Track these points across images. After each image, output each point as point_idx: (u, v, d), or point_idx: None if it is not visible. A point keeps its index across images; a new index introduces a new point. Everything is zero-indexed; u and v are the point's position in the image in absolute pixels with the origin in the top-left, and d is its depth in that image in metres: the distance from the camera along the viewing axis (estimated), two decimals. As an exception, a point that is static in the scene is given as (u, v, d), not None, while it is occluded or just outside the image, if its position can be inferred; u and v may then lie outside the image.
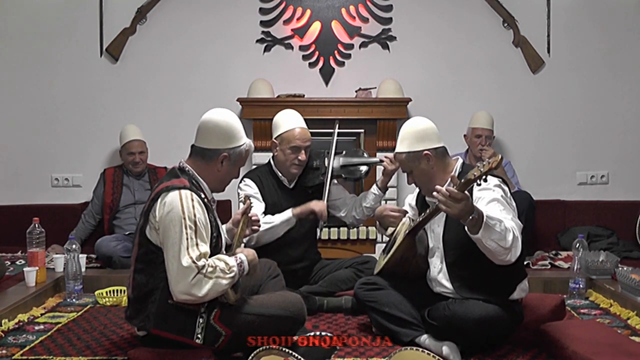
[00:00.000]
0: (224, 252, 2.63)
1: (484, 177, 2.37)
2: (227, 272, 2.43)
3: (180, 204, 2.41)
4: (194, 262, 2.36)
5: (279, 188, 3.46)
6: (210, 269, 2.39)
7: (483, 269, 2.61)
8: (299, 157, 3.37)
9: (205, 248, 2.43)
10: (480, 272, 2.64)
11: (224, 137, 2.59)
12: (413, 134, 2.78)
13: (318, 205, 3.31)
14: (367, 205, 3.51)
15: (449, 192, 2.39)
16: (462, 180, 2.42)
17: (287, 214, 3.33)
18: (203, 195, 2.54)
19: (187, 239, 2.38)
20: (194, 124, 2.72)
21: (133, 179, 4.52)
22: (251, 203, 2.89)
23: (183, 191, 2.45)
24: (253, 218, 2.86)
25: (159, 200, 2.45)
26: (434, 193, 2.46)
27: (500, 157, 2.35)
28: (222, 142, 2.59)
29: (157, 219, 2.44)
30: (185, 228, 2.39)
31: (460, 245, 2.66)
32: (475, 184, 2.40)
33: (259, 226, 2.94)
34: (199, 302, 2.44)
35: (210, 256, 2.45)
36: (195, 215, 2.42)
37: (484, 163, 2.38)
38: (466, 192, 2.42)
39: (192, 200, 2.44)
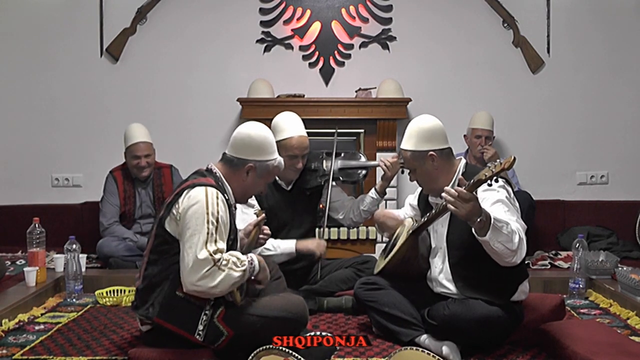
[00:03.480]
0: None
1: (495, 177, 2.36)
2: (239, 265, 2.45)
3: (206, 199, 2.45)
4: (211, 255, 2.39)
5: (277, 191, 3.46)
6: (224, 262, 2.42)
7: (486, 269, 2.61)
8: (296, 166, 3.37)
9: (222, 245, 2.45)
10: (484, 272, 2.64)
11: (253, 148, 2.63)
12: (421, 132, 2.77)
13: (319, 248, 3.31)
14: (364, 209, 3.51)
15: (457, 192, 2.38)
16: (472, 181, 2.41)
17: (291, 246, 3.31)
18: (227, 197, 2.56)
19: (207, 233, 2.41)
20: (195, 124, 2.75)
21: (140, 188, 4.28)
22: (265, 216, 2.90)
23: (209, 188, 2.49)
24: (264, 231, 2.90)
25: (184, 193, 2.49)
26: (443, 194, 2.46)
27: (513, 157, 2.33)
28: (250, 153, 2.62)
29: (180, 210, 2.46)
30: (207, 223, 2.41)
31: (464, 245, 2.66)
32: (486, 184, 2.39)
33: (266, 239, 2.97)
34: (208, 295, 2.45)
35: None
36: (218, 213, 2.45)
37: (495, 163, 2.36)
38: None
39: (217, 198, 2.47)
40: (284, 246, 3.31)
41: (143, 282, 2.56)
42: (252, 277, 2.56)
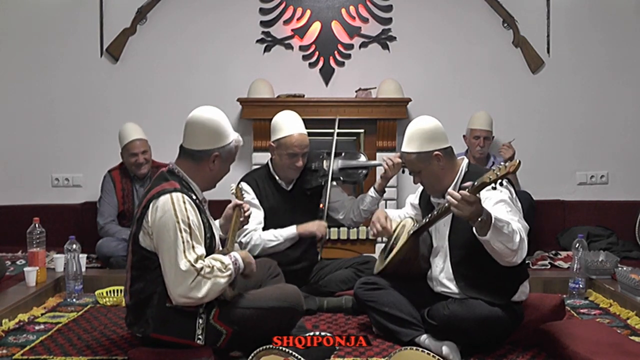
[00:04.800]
0: (220, 248, 2.64)
1: (499, 181, 2.37)
2: (224, 270, 2.44)
3: (173, 207, 2.41)
4: (192, 265, 2.37)
5: (277, 191, 3.46)
6: (208, 269, 2.40)
7: (488, 269, 2.61)
8: (296, 164, 3.37)
9: (201, 250, 2.43)
10: (485, 272, 2.64)
11: (213, 137, 2.57)
12: (423, 133, 2.76)
13: (320, 229, 3.32)
14: (364, 208, 3.51)
15: (462, 195, 2.39)
16: (476, 184, 2.41)
17: (292, 231, 3.33)
18: (194, 197, 2.53)
19: (182, 242, 2.38)
20: (195, 124, 2.73)
21: (138, 186, 4.32)
22: (242, 194, 2.89)
23: (174, 194, 2.44)
24: (246, 213, 2.84)
25: (151, 205, 2.45)
26: (447, 197, 2.46)
27: (518, 161, 2.35)
28: (212, 142, 2.57)
29: (150, 224, 2.44)
30: (180, 231, 2.39)
31: (466, 244, 2.65)
32: (490, 186, 2.40)
33: (248, 211, 2.90)
34: (198, 304, 2.44)
35: (205, 257, 2.45)
36: (188, 218, 2.42)
37: (500, 166, 2.37)
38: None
39: (184, 202, 2.44)
40: (286, 233, 3.33)
41: (131, 298, 2.54)
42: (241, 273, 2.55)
